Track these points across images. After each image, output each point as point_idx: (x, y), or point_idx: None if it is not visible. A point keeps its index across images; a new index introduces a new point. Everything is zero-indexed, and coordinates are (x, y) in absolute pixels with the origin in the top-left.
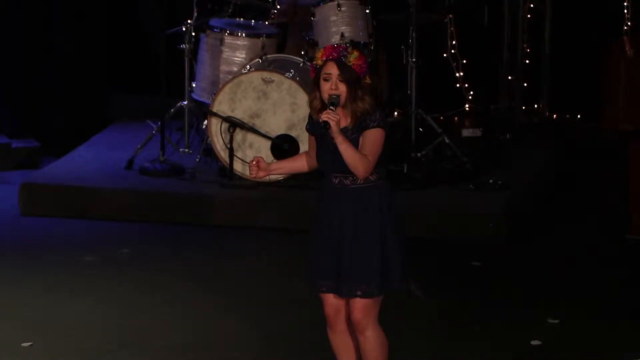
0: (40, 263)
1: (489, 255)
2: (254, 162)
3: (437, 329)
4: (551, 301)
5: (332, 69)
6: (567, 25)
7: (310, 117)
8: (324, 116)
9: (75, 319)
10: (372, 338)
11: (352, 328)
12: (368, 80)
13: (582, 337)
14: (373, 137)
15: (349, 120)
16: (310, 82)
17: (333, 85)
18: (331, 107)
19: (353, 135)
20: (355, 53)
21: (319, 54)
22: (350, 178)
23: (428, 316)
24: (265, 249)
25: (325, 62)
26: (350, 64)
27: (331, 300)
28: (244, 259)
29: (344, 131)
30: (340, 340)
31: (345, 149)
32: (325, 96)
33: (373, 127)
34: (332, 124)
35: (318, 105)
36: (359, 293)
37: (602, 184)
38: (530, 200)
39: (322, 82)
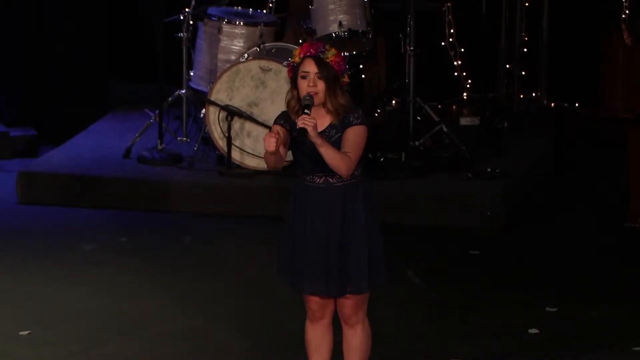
0: (39, 251)
1: (487, 243)
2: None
3: (434, 317)
4: (549, 289)
5: (310, 67)
6: (565, 13)
7: (285, 114)
8: (300, 123)
9: (74, 307)
10: (361, 332)
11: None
12: (346, 79)
13: (581, 325)
14: (355, 134)
15: (328, 118)
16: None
17: (311, 82)
18: (306, 111)
19: (336, 134)
20: (333, 50)
21: (296, 52)
22: (337, 176)
23: (425, 304)
24: (263, 238)
25: (302, 60)
26: (328, 60)
27: (317, 297)
28: (242, 247)
29: (326, 131)
30: (319, 333)
31: (325, 151)
32: (303, 94)
33: (355, 124)
34: (310, 129)
35: (296, 105)
36: (349, 289)
37: (600, 172)
38: (528, 188)
39: (299, 80)
